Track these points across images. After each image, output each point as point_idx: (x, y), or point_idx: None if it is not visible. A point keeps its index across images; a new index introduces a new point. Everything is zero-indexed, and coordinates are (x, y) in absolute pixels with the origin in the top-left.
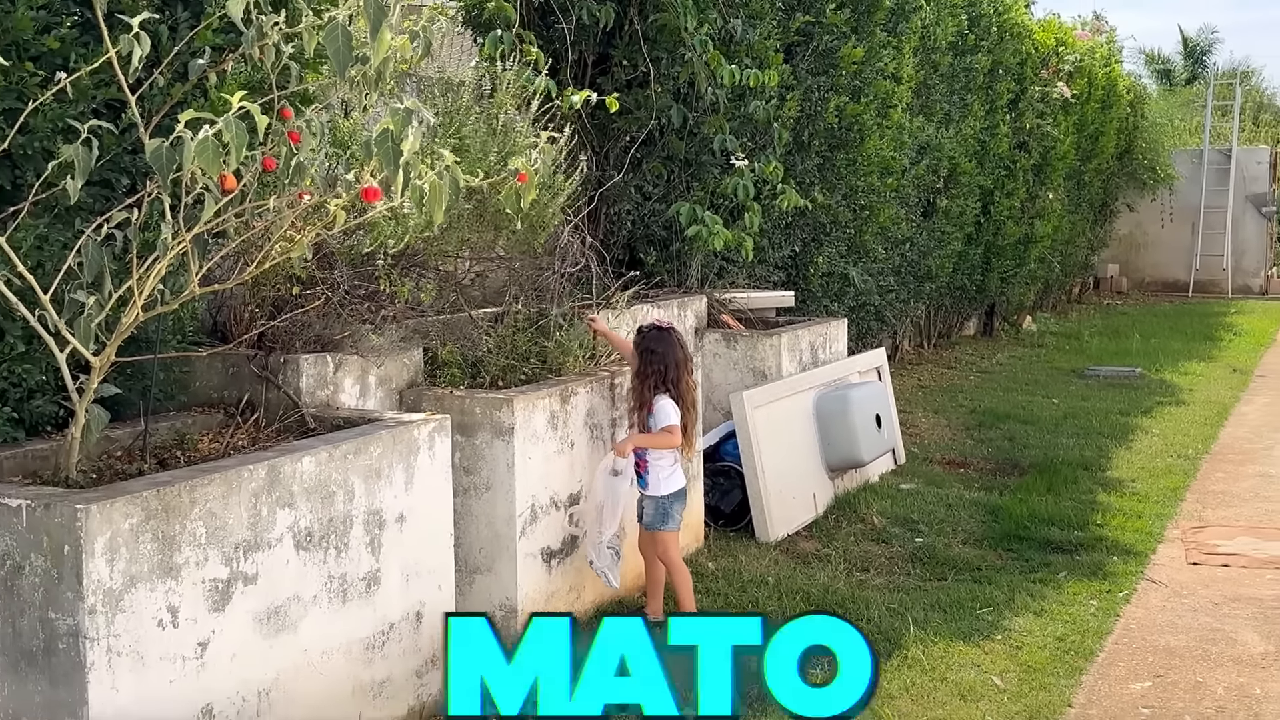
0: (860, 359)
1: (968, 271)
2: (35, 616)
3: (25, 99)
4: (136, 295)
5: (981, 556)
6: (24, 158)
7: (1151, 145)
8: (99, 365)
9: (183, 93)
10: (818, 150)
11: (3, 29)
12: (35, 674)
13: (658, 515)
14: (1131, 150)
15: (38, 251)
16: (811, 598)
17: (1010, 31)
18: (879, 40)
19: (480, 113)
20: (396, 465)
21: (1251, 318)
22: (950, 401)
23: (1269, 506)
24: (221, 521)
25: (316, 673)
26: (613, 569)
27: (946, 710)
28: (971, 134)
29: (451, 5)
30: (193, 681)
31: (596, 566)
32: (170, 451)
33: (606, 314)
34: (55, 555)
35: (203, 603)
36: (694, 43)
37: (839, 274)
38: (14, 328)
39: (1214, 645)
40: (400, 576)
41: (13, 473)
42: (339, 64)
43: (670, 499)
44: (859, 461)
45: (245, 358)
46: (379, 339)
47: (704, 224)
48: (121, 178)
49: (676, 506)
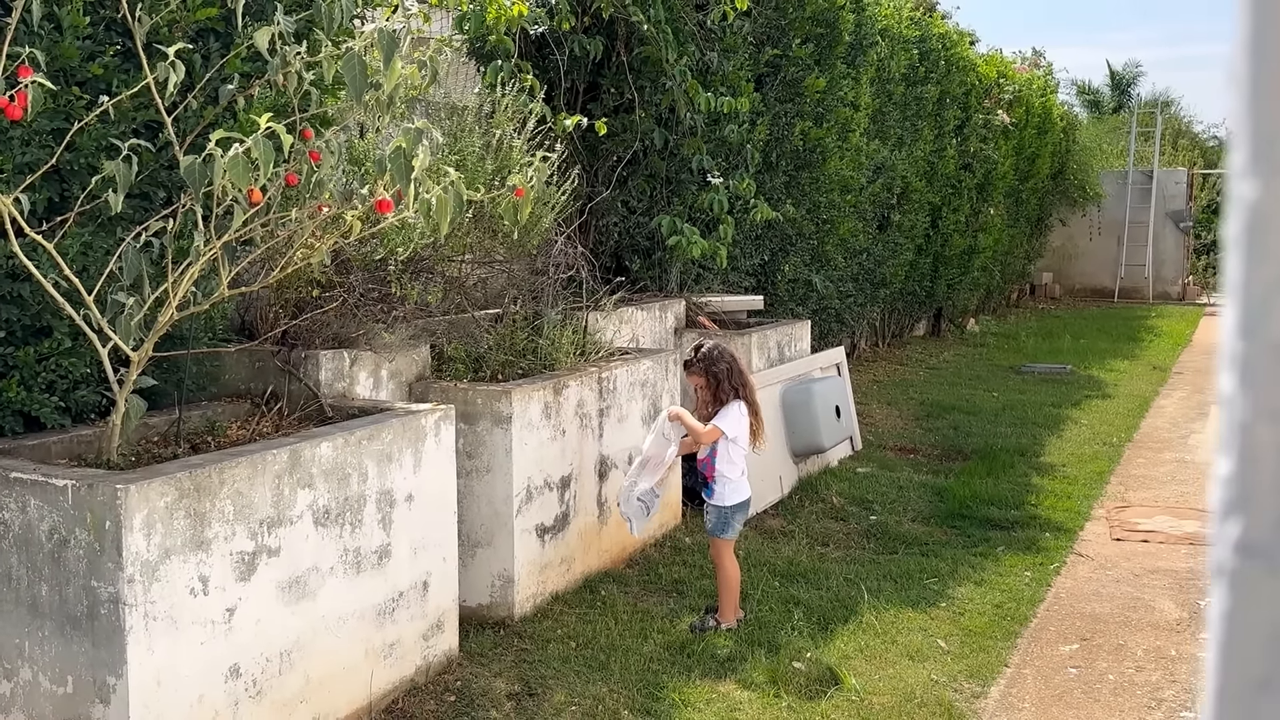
0: (822, 356)
1: (918, 279)
2: (79, 585)
3: (72, 120)
4: (172, 296)
5: (929, 533)
6: (71, 173)
7: (1082, 167)
8: (137, 360)
9: (214, 115)
10: (785, 169)
11: (51, 56)
12: (80, 636)
13: (719, 523)
14: (1064, 171)
15: (83, 257)
16: (777, 569)
17: (957, 65)
18: (839, 72)
19: (481, 134)
20: (406, 450)
21: (1170, 321)
22: (902, 394)
23: (1184, 489)
24: (248, 500)
25: (333, 636)
26: (638, 518)
27: (897, 669)
28: (922, 156)
29: (457, 38)
30: (221, 643)
31: (623, 511)
32: (202, 437)
33: (596, 315)
34: (98, 530)
35: (230, 573)
36: (674, 73)
37: (803, 280)
38: (61, 325)
39: (1135, 612)
40: (409, 550)
41: (59, 455)
42: (355, 90)
43: (733, 509)
44: (820, 448)
45: (270, 353)
46: (390, 337)
47: (683, 234)
48: (158, 191)
49: (738, 517)
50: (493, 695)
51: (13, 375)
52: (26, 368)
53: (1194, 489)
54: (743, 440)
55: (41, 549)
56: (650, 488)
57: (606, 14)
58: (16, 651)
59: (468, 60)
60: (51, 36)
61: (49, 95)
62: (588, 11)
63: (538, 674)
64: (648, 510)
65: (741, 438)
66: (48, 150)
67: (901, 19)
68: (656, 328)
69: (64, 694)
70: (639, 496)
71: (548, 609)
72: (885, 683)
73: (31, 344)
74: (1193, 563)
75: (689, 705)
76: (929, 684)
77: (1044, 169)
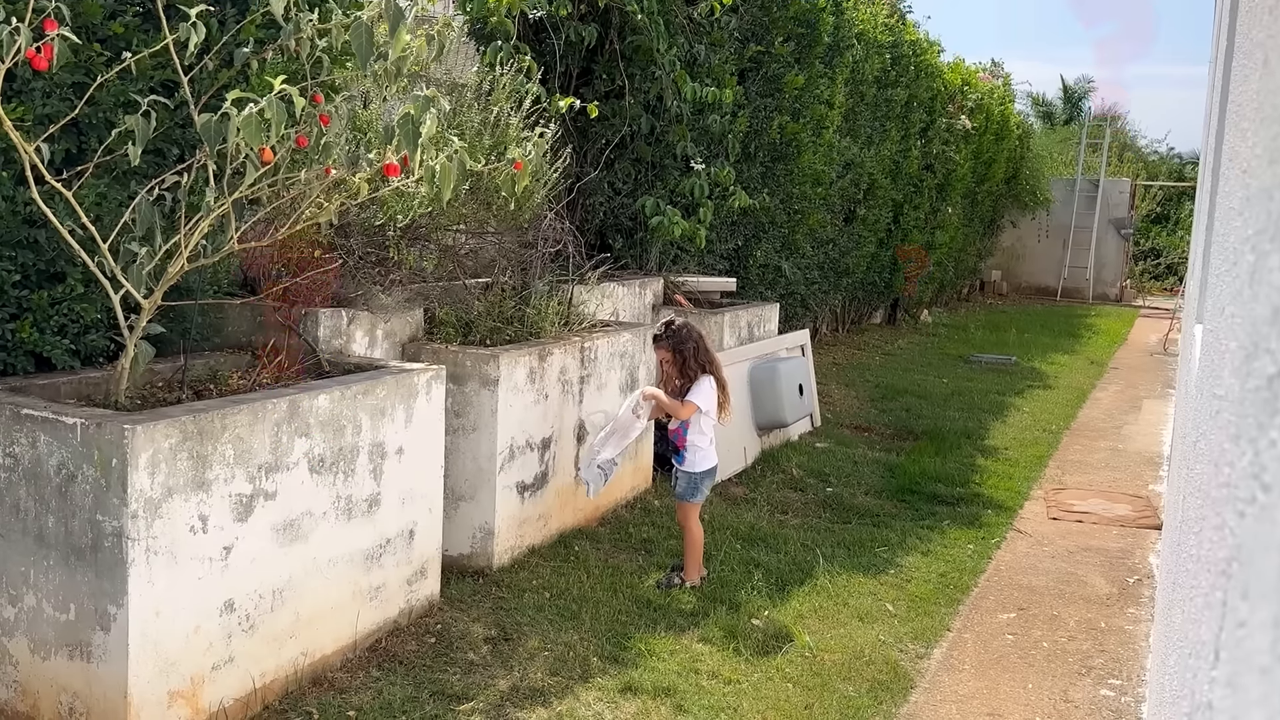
0: (788, 338)
1: (879, 270)
2: (85, 519)
3: (92, 75)
4: (183, 248)
5: (880, 505)
6: (89, 126)
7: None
8: (147, 307)
9: (228, 77)
10: (762, 160)
11: (75, 13)
12: (84, 567)
13: (689, 488)
14: (1018, 176)
15: (97, 207)
16: (739, 533)
17: (925, 71)
18: (817, 71)
19: (480, 110)
20: (398, 406)
21: (1108, 320)
22: (859, 377)
23: (1116, 475)
24: (247, 445)
25: (323, 577)
26: (596, 483)
27: (848, 630)
28: (889, 155)
29: (459, 18)
30: (218, 579)
31: (582, 475)
32: (205, 385)
33: (580, 288)
34: (104, 467)
35: (229, 513)
36: (664, 63)
37: (773, 266)
38: (74, 272)
39: (1068, 586)
40: (397, 499)
41: (68, 395)
42: (362, 57)
43: (702, 475)
44: (783, 422)
45: (272, 308)
46: (387, 299)
47: (665, 215)
48: (173, 148)
49: (706, 483)
50: (470, 639)
51: (26, 317)
52: (40, 311)
53: (1126, 475)
54: (713, 412)
55: (50, 483)
56: (612, 458)
57: (602, 3)
58: (21, 579)
59: (468, 40)
60: None
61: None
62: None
63: (513, 621)
64: (605, 477)
65: (712, 410)
66: (68, 103)
67: (877, 25)
68: (636, 303)
69: (66, 620)
70: (599, 464)
71: (524, 561)
72: (836, 641)
73: (45, 288)
74: (1123, 543)
75: (654, 655)
76: (877, 644)
77: (999, 173)
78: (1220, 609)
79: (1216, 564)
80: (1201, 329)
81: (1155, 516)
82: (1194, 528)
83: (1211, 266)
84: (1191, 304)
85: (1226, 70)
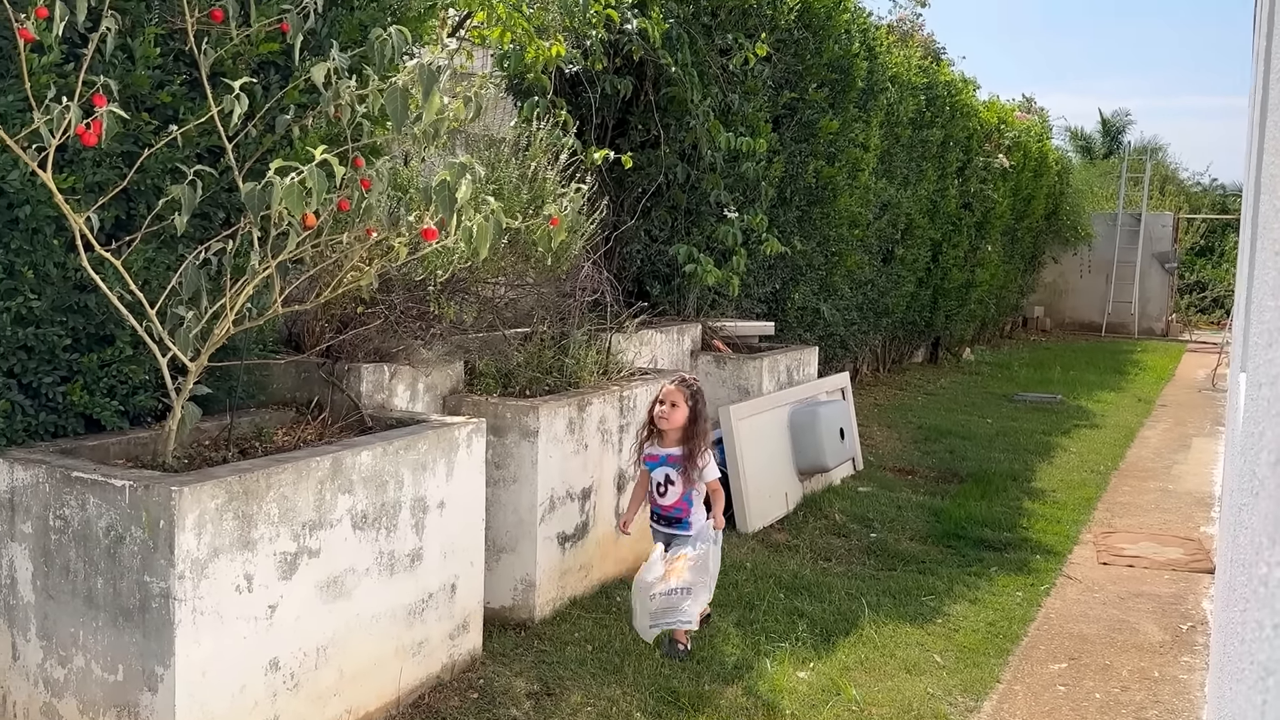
0: (828, 380)
1: (919, 309)
2: (133, 580)
3: (141, 143)
4: (228, 311)
5: (926, 551)
6: (138, 193)
7: (1074, 208)
8: (194, 369)
9: (271, 142)
10: (798, 204)
11: (124, 84)
12: (131, 628)
13: (708, 534)
14: (1058, 212)
15: (146, 271)
16: (783, 581)
17: (960, 111)
18: (851, 115)
19: (517, 165)
20: (439, 459)
21: (1154, 355)
22: (901, 418)
23: (1167, 517)
24: (292, 504)
25: (366, 633)
26: (670, 616)
27: (895, 682)
28: (925, 195)
29: (497, 74)
30: (263, 638)
31: (657, 623)
32: (250, 443)
33: (618, 336)
34: (152, 528)
35: (274, 572)
36: (698, 113)
37: (812, 308)
38: (123, 335)
39: (1120, 634)
40: (439, 553)
41: (117, 456)
42: (397, 121)
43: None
44: (824, 467)
45: (315, 365)
46: (428, 352)
47: (699, 263)
48: (219, 212)
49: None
50: (513, 694)
51: (77, 380)
52: (90, 373)
53: (1177, 517)
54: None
55: (99, 544)
56: (684, 587)
57: (637, 56)
58: (71, 640)
59: (506, 95)
60: (124, 66)
61: (120, 120)
62: (619, 53)
63: (556, 675)
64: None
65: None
66: (117, 171)
67: (910, 67)
68: (674, 349)
69: (115, 681)
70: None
71: (566, 613)
72: (884, 694)
73: (95, 351)
74: (1175, 588)
75: (698, 710)
76: (925, 697)
77: (1039, 209)
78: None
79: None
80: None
81: (1208, 560)
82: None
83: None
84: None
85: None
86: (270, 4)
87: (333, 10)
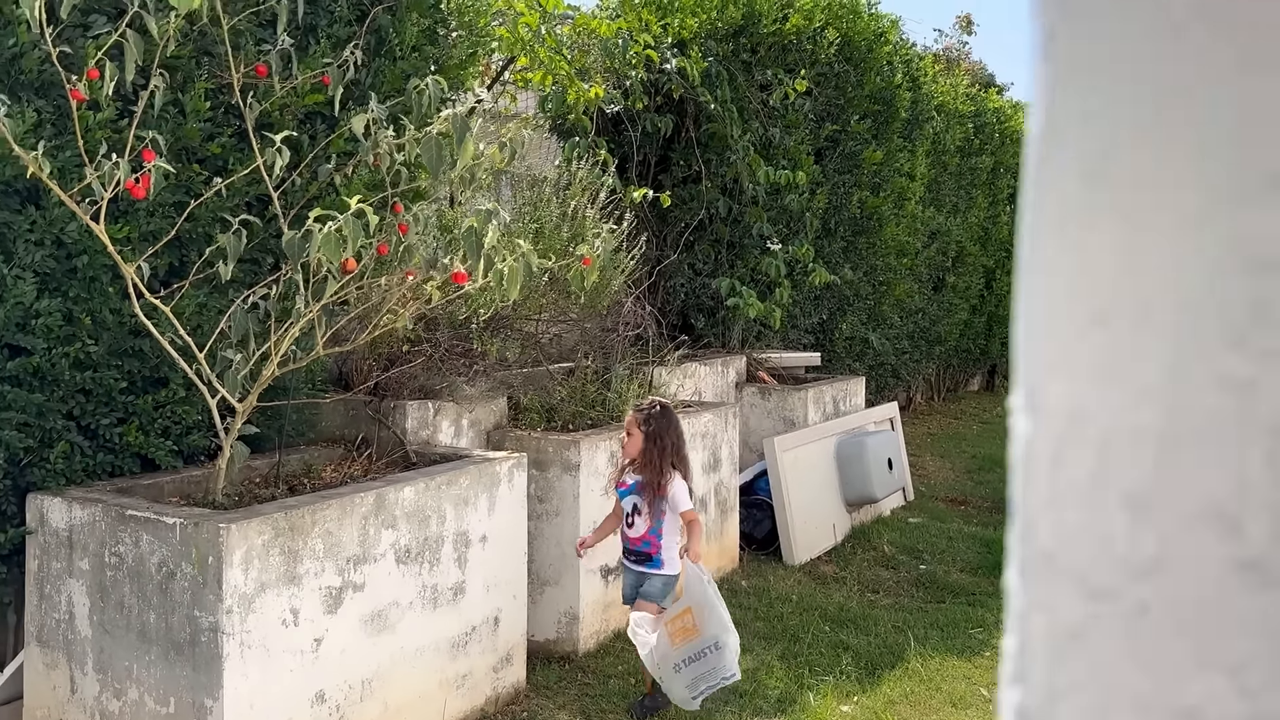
0: (876, 411)
1: (973, 337)
2: (184, 614)
3: (191, 193)
4: (274, 354)
5: (976, 583)
6: (189, 240)
7: None
8: (243, 410)
9: (316, 189)
10: (843, 235)
11: (175, 137)
12: (182, 661)
13: (664, 590)
14: None
15: (198, 315)
16: (828, 614)
17: (1010, 137)
18: (896, 145)
19: (558, 204)
20: (481, 494)
21: None
22: (954, 447)
23: None
24: (336, 539)
25: (410, 666)
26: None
27: (940, 716)
28: (976, 222)
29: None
30: (309, 671)
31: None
32: (299, 479)
33: (661, 369)
34: (201, 564)
35: (319, 606)
36: (739, 147)
37: (860, 338)
38: (176, 378)
39: None
40: (482, 587)
41: (172, 494)
42: (433, 169)
43: (677, 576)
44: (872, 498)
45: (363, 403)
46: (471, 389)
47: (741, 296)
48: (266, 257)
49: (673, 585)
50: None
51: (132, 421)
52: (144, 414)
53: None
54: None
55: (151, 580)
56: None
57: (677, 94)
58: (125, 673)
59: (550, 136)
60: (175, 120)
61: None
62: (659, 92)
63: (599, 707)
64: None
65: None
66: (169, 221)
67: (957, 95)
68: (718, 381)
69: (166, 714)
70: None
71: (609, 645)
72: None
73: (149, 393)
74: None
75: None
76: None
77: None
78: None
79: None
80: None
81: None
82: None
83: None
84: None
85: None
86: (313, 58)
87: (376, 61)
